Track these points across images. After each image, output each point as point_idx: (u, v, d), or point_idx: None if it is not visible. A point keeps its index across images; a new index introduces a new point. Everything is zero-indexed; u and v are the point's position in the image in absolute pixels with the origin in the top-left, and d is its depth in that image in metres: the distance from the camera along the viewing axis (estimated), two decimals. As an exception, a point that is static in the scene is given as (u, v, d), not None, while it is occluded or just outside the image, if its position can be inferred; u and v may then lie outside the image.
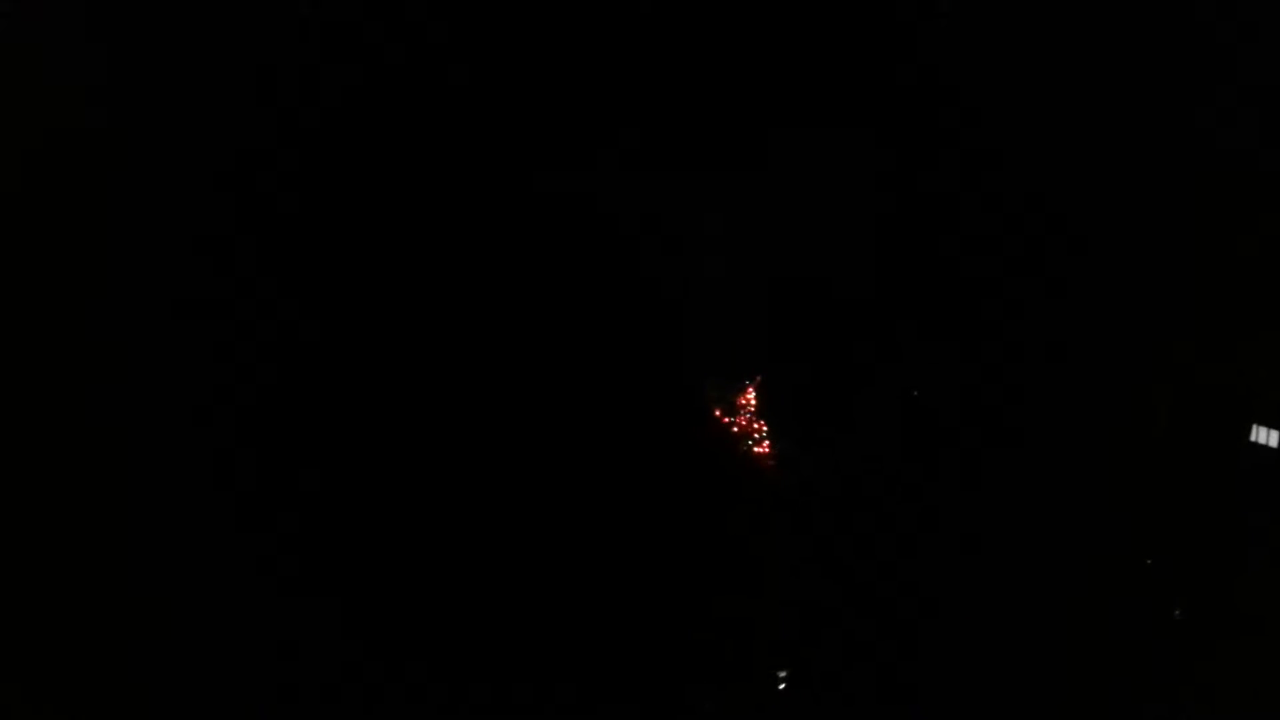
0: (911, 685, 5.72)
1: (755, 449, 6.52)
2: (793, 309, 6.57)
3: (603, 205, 6.03)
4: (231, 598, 4.81)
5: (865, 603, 5.94)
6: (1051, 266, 6.00)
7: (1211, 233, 5.50)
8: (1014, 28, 5.60)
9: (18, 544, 4.46)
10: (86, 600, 4.56)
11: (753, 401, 6.61)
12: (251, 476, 4.74)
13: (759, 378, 6.63)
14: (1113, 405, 5.88)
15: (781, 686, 5.72)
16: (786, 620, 5.96)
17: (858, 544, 6.11)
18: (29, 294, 4.55)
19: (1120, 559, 5.69)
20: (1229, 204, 5.40)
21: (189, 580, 4.78)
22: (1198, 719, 5.07)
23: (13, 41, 4.44)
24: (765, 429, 6.56)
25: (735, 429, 6.56)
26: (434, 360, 5.29)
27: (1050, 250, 6.01)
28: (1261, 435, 5.36)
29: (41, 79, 4.54)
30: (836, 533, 6.18)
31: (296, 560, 4.68)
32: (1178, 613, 5.45)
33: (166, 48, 4.76)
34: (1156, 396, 5.75)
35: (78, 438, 4.57)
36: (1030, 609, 5.74)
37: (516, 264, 5.67)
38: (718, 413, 6.57)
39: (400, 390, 5.20)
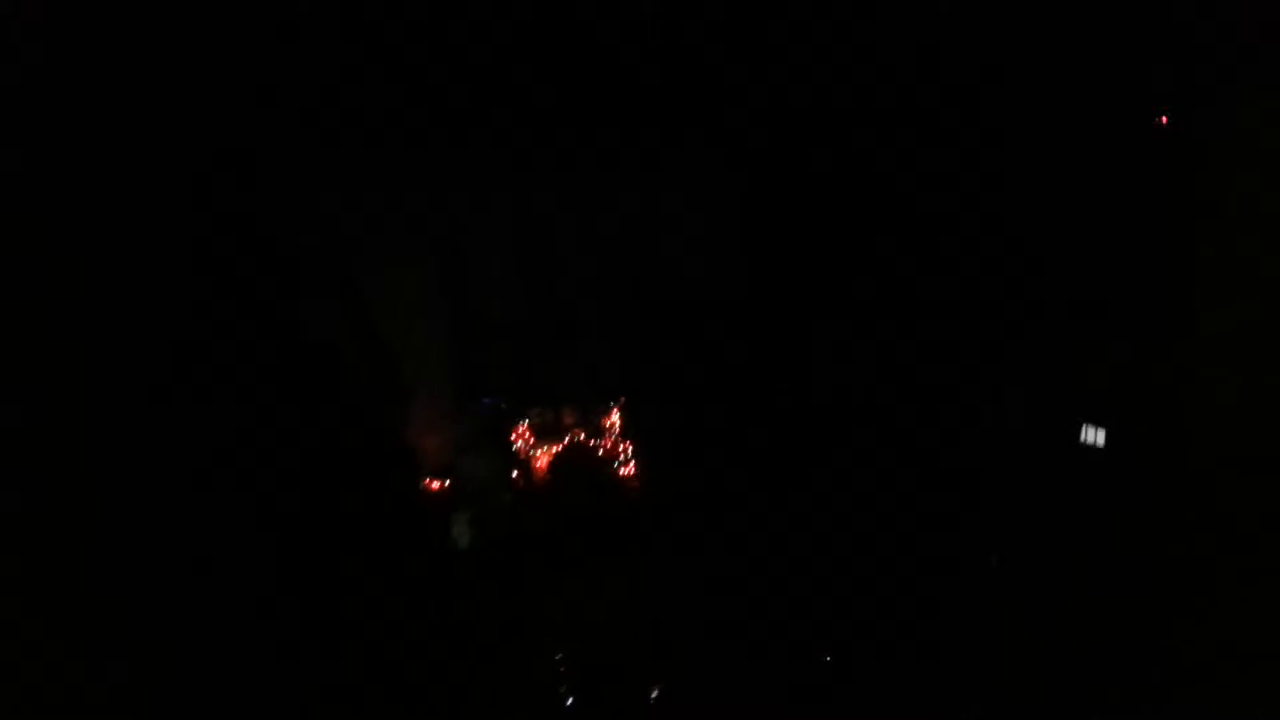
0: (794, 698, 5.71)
1: (622, 470, 6.56)
2: (657, 325, 6.65)
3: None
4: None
5: (741, 615, 5.93)
6: (906, 270, 6.09)
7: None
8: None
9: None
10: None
11: (617, 423, 6.67)
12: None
13: (623, 398, 6.69)
14: (964, 402, 5.95)
15: (654, 697, 5.69)
16: (660, 633, 5.95)
17: (732, 560, 6.11)
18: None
19: (967, 558, 5.73)
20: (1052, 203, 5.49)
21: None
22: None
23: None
24: (630, 449, 6.61)
25: (600, 451, 6.61)
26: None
27: (906, 255, 6.10)
28: (1090, 435, 5.41)
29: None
30: (709, 550, 6.19)
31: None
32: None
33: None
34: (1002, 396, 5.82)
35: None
36: (910, 620, 5.75)
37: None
38: (581, 435, 6.63)
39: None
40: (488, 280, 6.39)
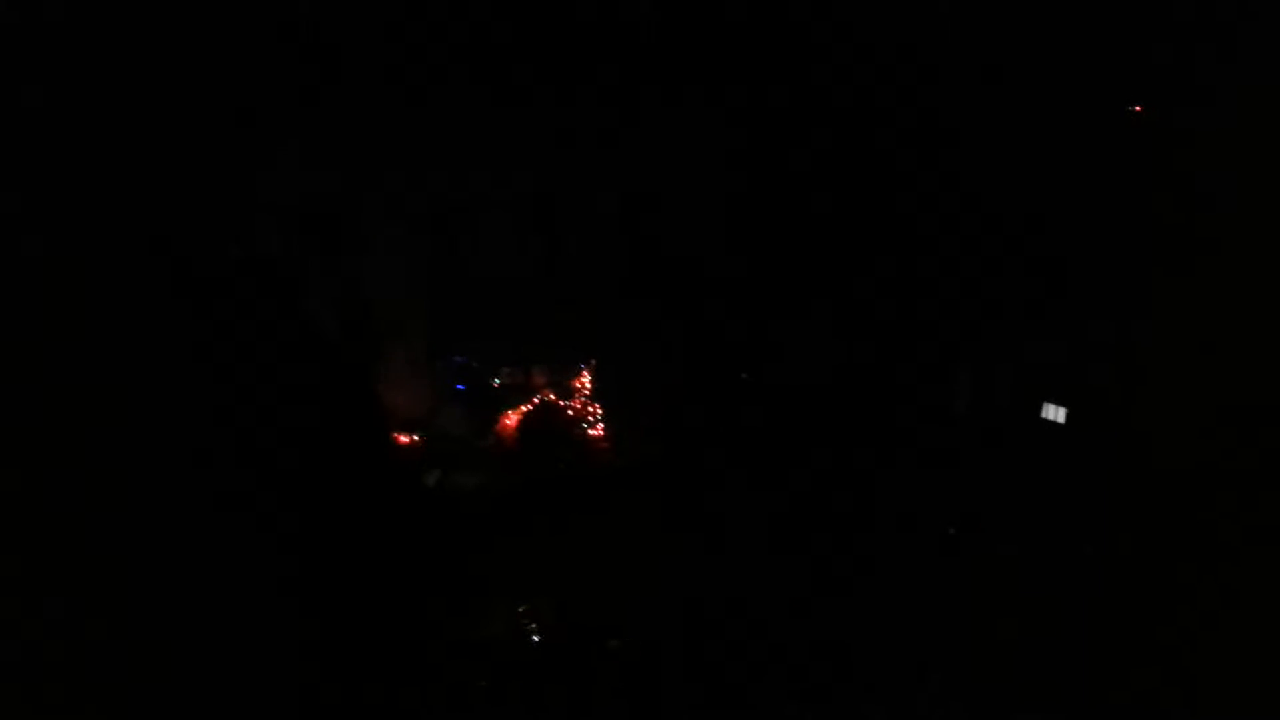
0: (748, 671, 5.78)
1: (590, 432, 6.63)
2: (629, 290, 6.69)
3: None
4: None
5: (706, 582, 6.02)
6: (882, 256, 6.17)
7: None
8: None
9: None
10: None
11: (587, 385, 6.73)
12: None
13: (593, 361, 6.75)
14: (924, 374, 6.07)
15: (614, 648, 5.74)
16: (627, 598, 6.01)
17: (699, 526, 6.20)
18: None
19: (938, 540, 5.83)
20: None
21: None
22: None
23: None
24: (600, 412, 6.67)
25: (570, 412, 6.68)
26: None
27: (878, 234, 6.17)
28: (1050, 412, 5.55)
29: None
30: (677, 515, 6.28)
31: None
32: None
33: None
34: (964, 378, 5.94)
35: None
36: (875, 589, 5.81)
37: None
38: (551, 396, 6.70)
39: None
40: (466, 241, 6.41)
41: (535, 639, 5.56)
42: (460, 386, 6.56)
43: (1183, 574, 4.66)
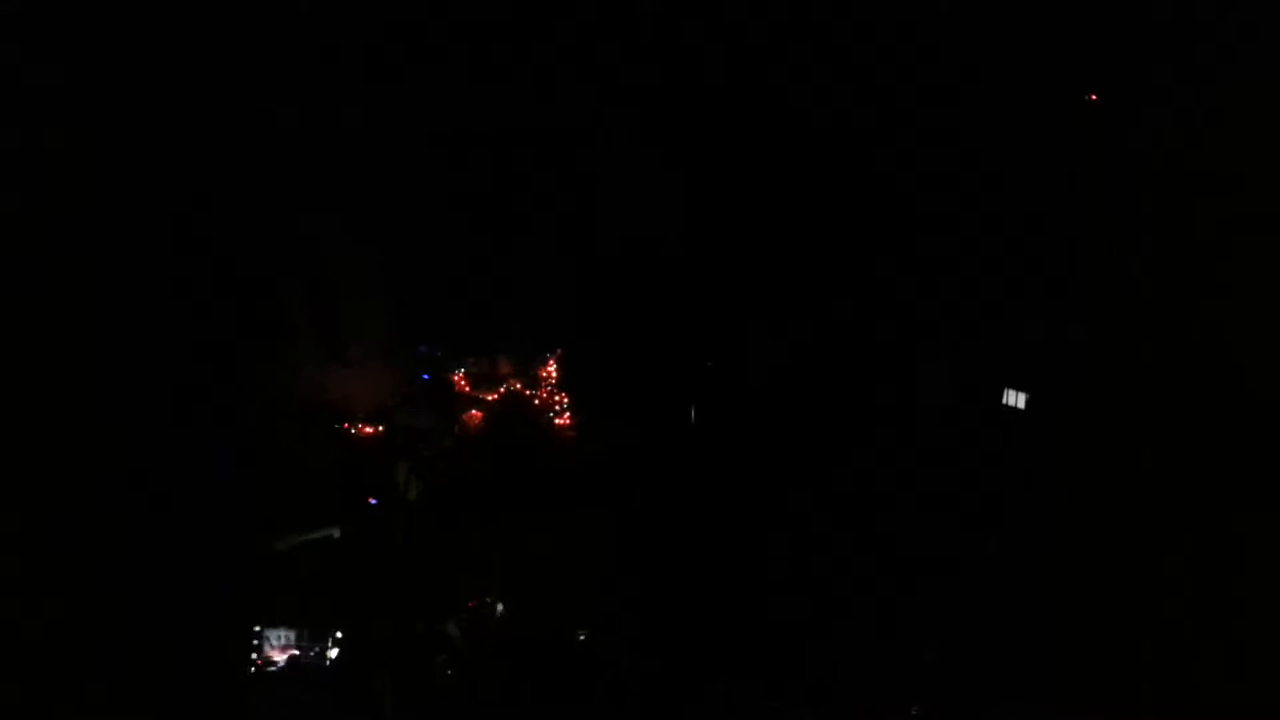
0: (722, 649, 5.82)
1: (557, 421, 6.64)
2: (597, 282, 6.67)
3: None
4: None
5: (674, 568, 6.04)
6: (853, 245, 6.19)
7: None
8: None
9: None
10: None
11: (554, 374, 6.73)
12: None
13: (560, 350, 6.74)
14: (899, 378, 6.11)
15: (582, 639, 5.79)
16: (596, 583, 6.02)
17: (664, 514, 6.21)
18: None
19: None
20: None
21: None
22: None
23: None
24: (566, 401, 6.68)
25: (536, 401, 6.69)
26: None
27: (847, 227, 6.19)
28: (1010, 398, 5.64)
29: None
30: (641, 502, 6.29)
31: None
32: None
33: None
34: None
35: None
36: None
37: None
38: (518, 385, 6.70)
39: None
40: (427, 232, 6.37)
41: (502, 630, 5.61)
42: (425, 376, 6.54)
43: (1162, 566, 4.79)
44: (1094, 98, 5.60)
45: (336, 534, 5.79)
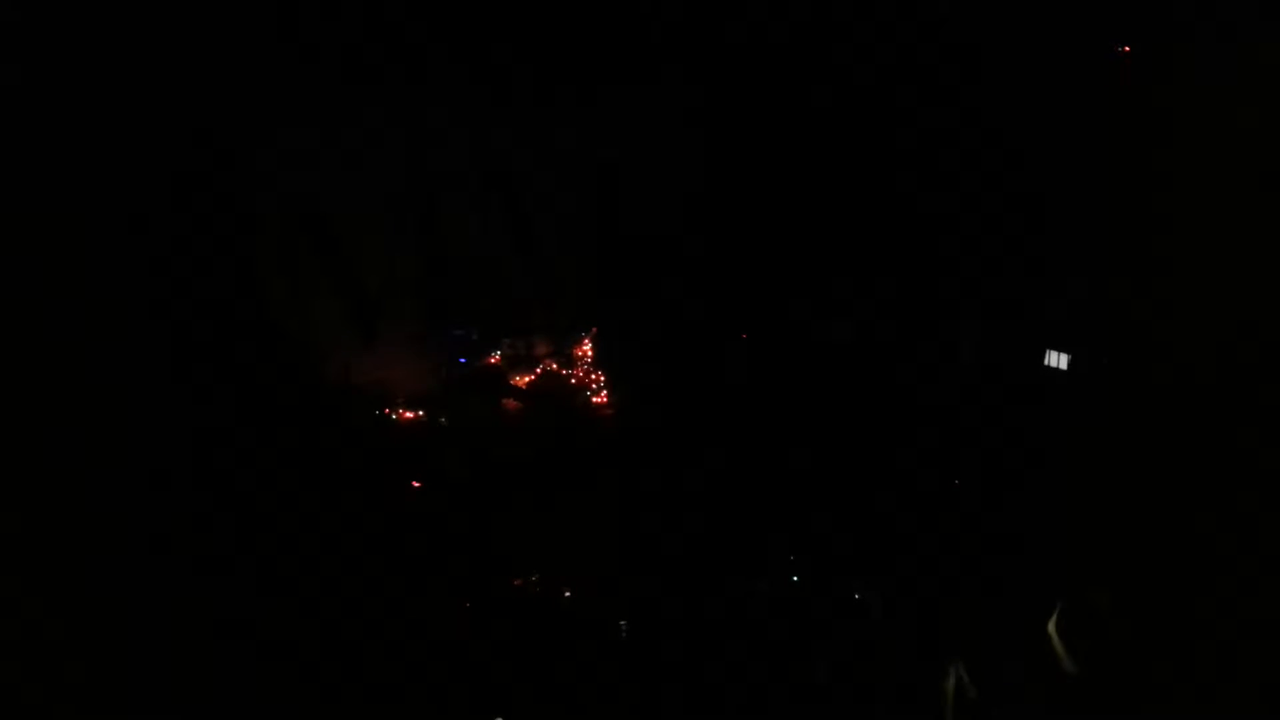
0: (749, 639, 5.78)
1: (594, 400, 6.63)
2: (629, 259, 6.65)
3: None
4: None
5: (707, 551, 6.01)
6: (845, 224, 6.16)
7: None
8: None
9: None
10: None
11: (589, 353, 6.73)
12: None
13: (594, 329, 6.73)
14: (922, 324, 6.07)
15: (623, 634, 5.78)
16: (627, 566, 6.03)
17: (701, 493, 6.17)
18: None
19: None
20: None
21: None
22: None
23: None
24: (602, 379, 6.68)
25: (573, 381, 6.68)
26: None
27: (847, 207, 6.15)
28: (1053, 359, 5.60)
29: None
30: (678, 481, 6.26)
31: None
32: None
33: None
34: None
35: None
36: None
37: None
38: (554, 366, 6.69)
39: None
40: (462, 214, 6.35)
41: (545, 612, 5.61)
42: (461, 360, 6.53)
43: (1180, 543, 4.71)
44: (1125, 50, 5.51)
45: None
